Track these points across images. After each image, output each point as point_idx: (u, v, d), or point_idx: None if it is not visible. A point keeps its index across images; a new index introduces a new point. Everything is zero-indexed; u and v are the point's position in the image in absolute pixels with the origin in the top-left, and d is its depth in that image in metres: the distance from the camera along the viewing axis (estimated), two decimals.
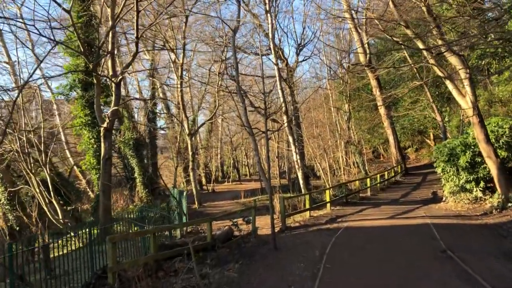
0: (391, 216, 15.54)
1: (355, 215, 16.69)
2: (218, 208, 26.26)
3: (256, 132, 11.11)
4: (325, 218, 16.26)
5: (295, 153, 20.09)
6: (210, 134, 52.74)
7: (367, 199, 22.37)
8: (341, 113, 37.54)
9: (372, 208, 18.42)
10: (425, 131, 39.96)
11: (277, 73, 19.81)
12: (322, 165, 27.64)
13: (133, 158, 29.55)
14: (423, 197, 21.71)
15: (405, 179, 31.18)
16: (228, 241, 12.50)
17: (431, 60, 16.63)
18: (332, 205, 19.08)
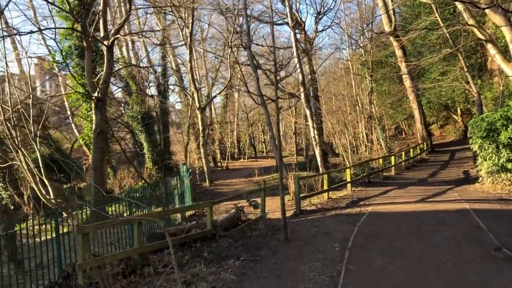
0: (421, 199, 13.66)
1: (379, 197, 14.85)
2: (230, 186, 24.72)
3: (266, 100, 9.26)
4: (346, 201, 14.48)
5: (313, 128, 18.21)
6: (226, 109, 50.88)
7: (392, 178, 20.45)
8: (363, 87, 35.20)
9: (397, 189, 16.53)
10: (452, 105, 37.30)
11: (293, 38, 17.78)
12: (342, 141, 25.70)
13: (141, 133, 28.11)
14: (454, 176, 19.68)
15: (431, 157, 29.01)
16: (234, 227, 10.87)
17: (470, 20, 14.39)
18: (353, 185, 17.26)
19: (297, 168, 29.12)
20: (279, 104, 24.49)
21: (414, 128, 48.88)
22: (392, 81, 40.10)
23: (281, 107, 11.41)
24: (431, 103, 35.63)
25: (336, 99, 29.31)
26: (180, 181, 14.63)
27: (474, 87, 20.17)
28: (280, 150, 8.79)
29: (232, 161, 47.90)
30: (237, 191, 21.99)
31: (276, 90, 8.48)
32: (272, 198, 17.58)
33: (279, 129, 8.91)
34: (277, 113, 8.61)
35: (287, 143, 57.45)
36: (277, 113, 8.61)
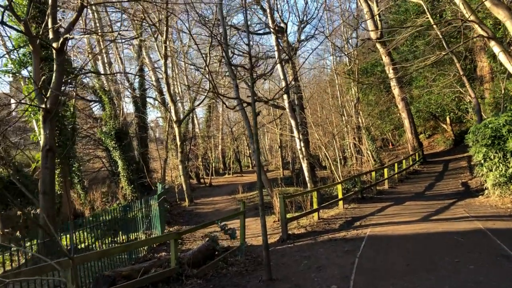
0: (425, 218, 11.99)
1: (376, 216, 13.13)
2: (211, 205, 22.80)
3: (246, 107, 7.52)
4: (339, 221, 12.73)
5: (299, 140, 16.52)
6: (209, 123, 49.12)
7: (386, 193, 18.80)
8: (348, 98, 33.75)
9: (395, 206, 14.86)
10: (441, 114, 36.04)
11: (274, 42, 16.19)
12: (329, 153, 24.07)
13: (115, 150, 26.10)
14: (453, 189, 18.13)
15: (424, 168, 27.54)
16: (211, 258, 9.02)
17: (471, 16, 12.93)
18: (345, 202, 15.55)
19: (283, 183, 27.36)
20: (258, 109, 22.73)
21: (402, 139, 47.76)
22: (379, 90, 38.86)
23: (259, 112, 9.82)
24: (420, 112, 34.34)
25: (322, 107, 27.71)
26: (152, 202, 12.78)
27: (472, 91, 18.76)
28: (259, 162, 7.07)
29: (216, 177, 45.98)
30: (218, 211, 20.12)
31: (253, 90, 6.78)
32: (256, 219, 15.73)
33: (256, 135, 7.19)
34: (254, 118, 6.89)
35: (273, 157, 55.80)
36: (254, 117, 6.88)
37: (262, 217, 7.58)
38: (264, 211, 7.59)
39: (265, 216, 15.89)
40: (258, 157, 6.96)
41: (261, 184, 6.99)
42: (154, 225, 12.15)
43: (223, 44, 7.73)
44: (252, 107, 6.76)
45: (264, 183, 17.31)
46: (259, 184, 7.07)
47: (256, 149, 6.92)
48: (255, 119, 6.91)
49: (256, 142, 7.00)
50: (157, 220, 12.02)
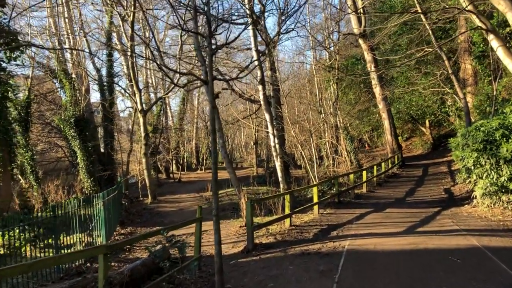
0: (409, 229, 10.58)
1: (354, 224, 11.64)
2: (175, 204, 21.01)
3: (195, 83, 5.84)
4: (313, 229, 11.19)
5: (273, 136, 14.91)
6: (182, 115, 47.17)
7: (364, 197, 17.40)
8: (326, 96, 32.35)
9: (375, 213, 13.43)
10: (421, 117, 35.10)
11: (251, 33, 14.52)
12: (305, 152, 22.61)
13: (74, 139, 23.95)
14: (436, 196, 16.89)
15: (403, 171, 26.38)
16: (154, 276, 7.32)
17: (469, 6, 11.56)
18: (320, 206, 14.04)
19: (255, 182, 25.83)
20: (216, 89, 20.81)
21: (379, 140, 46.86)
22: (359, 89, 37.74)
23: (218, 93, 8.11)
24: (400, 113, 33.27)
25: (300, 102, 26.17)
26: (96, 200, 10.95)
27: (461, 91, 17.56)
28: (215, 154, 5.42)
29: (188, 172, 44.21)
30: (181, 211, 18.39)
31: (211, 64, 5.16)
32: (222, 222, 14.07)
33: (213, 121, 5.47)
34: (212, 99, 5.23)
35: (248, 154, 54.21)
36: (211, 93, 5.22)
37: (217, 231, 5.94)
38: (219, 223, 5.93)
39: (232, 219, 14.30)
40: (215, 148, 5.33)
41: (216, 189, 5.36)
42: (100, 227, 10.35)
43: None
44: (210, 86, 5.11)
45: (233, 182, 15.68)
46: (214, 189, 5.43)
47: (213, 140, 5.30)
48: (212, 101, 5.25)
49: (213, 131, 5.37)
50: (101, 222, 10.21)
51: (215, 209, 5.59)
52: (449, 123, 32.18)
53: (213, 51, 5.36)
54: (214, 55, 5.46)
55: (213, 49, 5.37)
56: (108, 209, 11.27)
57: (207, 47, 5.29)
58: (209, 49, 5.27)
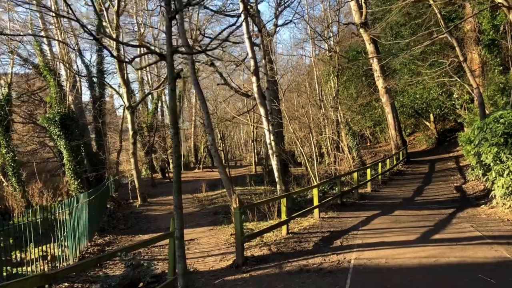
0: (425, 236, 9.20)
1: (361, 230, 10.25)
2: (166, 206, 19.61)
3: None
4: (314, 237, 9.80)
5: (268, 132, 13.49)
6: (179, 113, 45.79)
7: (369, 197, 16.01)
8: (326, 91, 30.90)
9: (382, 216, 12.03)
10: (425, 111, 33.60)
11: (241, 6, 13.08)
12: (305, 149, 21.24)
13: (60, 139, 22.56)
14: (447, 194, 15.52)
15: (408, 168, 24.99)
16: None
17: None
18: (321, 208, 12.64)
19: (252, 181, 24.42)
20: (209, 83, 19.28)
21: (381, 136, 45.42)
22: (360, 83, 36.30)
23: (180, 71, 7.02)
24: (404, 107, 31.79)
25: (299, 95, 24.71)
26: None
27: (473, 80, 16.14)
28: (179, 159, 4.04)
29: (185, 172, 42.73)
30: (171, 215, 16.92)
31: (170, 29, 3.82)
32: (212, 228, 12.70)
33: (175, 111, 4.08)
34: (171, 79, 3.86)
35: (248, 152, 52.93)
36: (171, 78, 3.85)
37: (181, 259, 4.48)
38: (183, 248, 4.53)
39: (224, 224, 12.90)
40: (177, 146, 3.94)
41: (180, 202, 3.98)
42: (79, 235, 8.94)
43: None
44: (168, 61, 3.73)
45: (224, 183, 14.29)
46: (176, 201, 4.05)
47: (173, 135, 3.92)
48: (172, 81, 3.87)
49: (174, 124, 3.99)
50: (69, 232, 8.80)
51: (178, 230, 4.19)
52: (455, 116, 30.72)
53: (172, 14, 3.97)
54: (174, 19, 4.08)
55: (171, 11, 3.98)
56: (82, 216, 9.92)
57: (165, 7, 3.92)
58: (167, 11, 3.90)
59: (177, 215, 4.14)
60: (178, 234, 4.14)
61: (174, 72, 4.04)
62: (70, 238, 8.83)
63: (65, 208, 8.71)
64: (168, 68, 4.00)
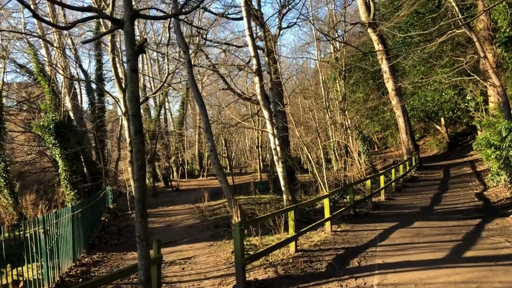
0: (455, 253, 7.97)
1: (380, 247, 9.01)
2: (165, 218, 18.43)
3: None
4: (326, 256, 8.56)
5: (273, 136, 12.30)
6: (181, 120, 45.03)
7: (384, 207, 14.74)
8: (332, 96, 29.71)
9: (402, 229, 10.76)
10: (436, 113, 32.26)
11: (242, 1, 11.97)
12: (312, 155, 20.01)
13: (55, 147, 21.48)
14: (468, 203, 14.20)
15: (421, 174, 23.67)
16: None
17: None
18: (332, 220, 11.38)
19: (257, 189, 23.14)
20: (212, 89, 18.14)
21: (389, 141, 44.09)
22: (367, 86, 35.11)
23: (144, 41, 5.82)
24: (415, 110, 30.52)
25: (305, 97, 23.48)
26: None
27: (497, 78, 14.92)
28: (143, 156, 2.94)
29: (189, 180, 41.75)
30: (169, 228, 15.79)
31: None
32: (211, 244, 11.48)
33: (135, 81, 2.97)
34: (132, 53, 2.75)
35: (253, 158, 51.77)
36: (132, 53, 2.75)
37: None
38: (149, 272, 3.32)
39: (225, 239, 11.68)
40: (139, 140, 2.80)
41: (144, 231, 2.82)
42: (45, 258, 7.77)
43: None
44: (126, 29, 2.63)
45: (224, 192, 13.10)
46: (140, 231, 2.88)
47: (134, 131, 2.79)
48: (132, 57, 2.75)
49: (134, 112, 2.85)
50: (44, 253, 7.61)
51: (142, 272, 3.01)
52: (468, 119, 29.42)
53: None
54: None
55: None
56: (65, 232, 8.78)
57: None
58: None
59: (140, 249, 2.96)
60: (143, 278, 2.94)
61: (136, 45, 2.91)
62: (45, 260, 7.65)
63: (39, 226, 7.55)
64: (126, 39, 2.89)
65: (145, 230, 2.97)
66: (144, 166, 3.04)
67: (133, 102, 3.04)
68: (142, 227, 2.94)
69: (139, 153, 2.95)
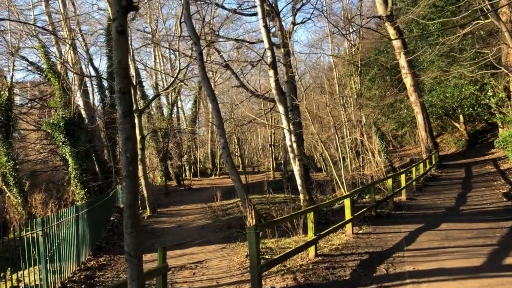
0: (494, 260, 7.20)
1: (407, 251, 8.26)
2: (176, 218, 17.87)
3: None
4: (350, 263, 7.85)
5: (288, 132, 11.62)
6: (194, 118, 44.52)
7: (405, 207, 13.95)
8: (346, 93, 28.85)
9: (428, 231, 9.98)
10: (456, 110, 31.18)
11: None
12: (327, 153, 19.27)
13: (65, 145, 21.09)
14: (496, 203, 13.33)
15: (441, 172, 22.74)
16: None
17: None
18: (353, 222, 10.64)
19: (271, 188, 22.44)
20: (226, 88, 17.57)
21: (405, 139, 42.98)
22: (383, 83, 34.11)
23: None
24: (434, 106, 29.48)
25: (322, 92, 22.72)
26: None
27: None
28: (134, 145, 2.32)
29: (201, 179, 41.21)
30: (180, 228, 15.21)
31: None
32: (224, 247, 10.83)
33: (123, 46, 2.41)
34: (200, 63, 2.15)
35: (266, 157, 51.11)
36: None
37: None
38: None
39: (239, 241, 11.03)
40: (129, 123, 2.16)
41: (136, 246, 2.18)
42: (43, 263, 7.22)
43: None
44: None
45: (238, 192, 12.45)
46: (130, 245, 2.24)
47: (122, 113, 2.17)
48: None
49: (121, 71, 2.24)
50: (42, 258, 7.06)
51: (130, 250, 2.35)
52: (489, 116, 28.33)
53: None
54: None
55: None
56: (69, 234, 8.24)
57: None
58: None
59: (131, 269, 2.32)
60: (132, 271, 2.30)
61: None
62: (43, 266, 7.09)
63: (37, 228, 6.99)
64: None
65: (137, 244, 2.31)
66: (135, 159, 2.40)
67: (121, 75, 2.40)
68: (133, 240, 2.29)
69: (129, 143, 2.31)
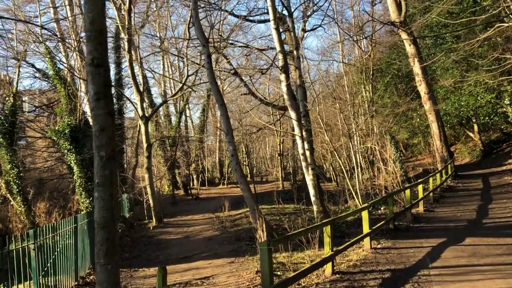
0: None
1: (432, 269, 7.54)
2: (183, 228, 17.23)
3: None
4: (371, 282, 7.14)
5: (301, 140, 10.99)
6: (202, 127, 44.02)
7: (424, 219, 13.18)
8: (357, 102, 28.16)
9: (453, 246, 9.24)
10: (470, 119, 30.33)
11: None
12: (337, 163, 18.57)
13: (70, 153, 20.60)
14: None
15: (458, 183, 21.89)
16: None
17: None
18: (371, 235, 9.91)
19: (280, 198, 21.72)
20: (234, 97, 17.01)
21: (417, 149, 42.03)
22: (395, 91, 33.38)
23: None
24: (448, 115, 28.68)
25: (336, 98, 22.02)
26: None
27: None
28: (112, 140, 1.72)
29: (209, 188, 40.61)
30: (187, 240, 14.58)
31: None
32: (234, 261, 10.16)
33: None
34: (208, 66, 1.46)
35: (274, 166, 50.46)
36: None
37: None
38: None
39: (248, 255, 10.35)
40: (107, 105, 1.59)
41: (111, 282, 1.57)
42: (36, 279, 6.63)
43: None
44: None
45: (247, 202, 11.80)
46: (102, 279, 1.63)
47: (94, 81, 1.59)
48: None
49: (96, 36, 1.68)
50: (34, 273, 6.46)
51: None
52: (506, 125, 27.50)
53: None
54: None
55: None
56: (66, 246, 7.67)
57: None
58: None
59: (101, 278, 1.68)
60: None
61: None
62: (35, 282, 6.48)
63: (28, 242, 6.41)
64: None
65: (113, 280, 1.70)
66: (111, 160, 1.82)
67: (94, 41, 1.81)
68: (108, 274, 1.70)
69: (103, 136, 1.74)
